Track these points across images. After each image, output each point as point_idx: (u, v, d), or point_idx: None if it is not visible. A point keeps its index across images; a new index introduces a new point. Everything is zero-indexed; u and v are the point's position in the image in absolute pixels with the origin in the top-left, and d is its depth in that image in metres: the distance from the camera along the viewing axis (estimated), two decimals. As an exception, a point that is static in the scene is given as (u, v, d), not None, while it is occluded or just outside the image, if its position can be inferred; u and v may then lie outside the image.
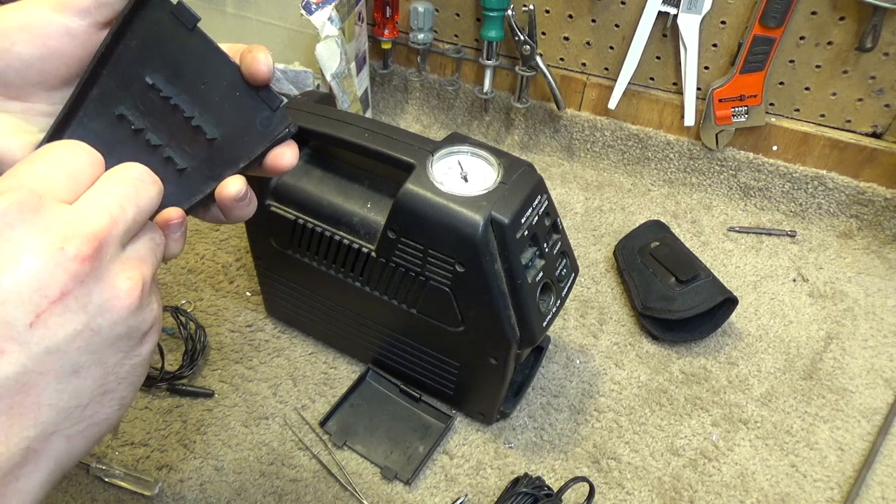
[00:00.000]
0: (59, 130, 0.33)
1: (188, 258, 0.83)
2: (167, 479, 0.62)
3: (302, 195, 0.60)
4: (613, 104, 0.95)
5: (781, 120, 0.92)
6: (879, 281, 0.87)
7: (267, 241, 0.65)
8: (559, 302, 0.58)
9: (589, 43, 0.95)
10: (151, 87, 0.34)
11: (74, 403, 0.27)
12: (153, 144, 0.34)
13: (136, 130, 0.34)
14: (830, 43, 0.83)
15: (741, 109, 0.89)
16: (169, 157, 0.34)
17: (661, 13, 0.87)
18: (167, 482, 0.62)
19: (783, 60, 0.87)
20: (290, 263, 0.65)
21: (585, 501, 0.62)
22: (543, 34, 0.97)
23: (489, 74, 0.99)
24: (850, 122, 0.89)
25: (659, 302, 0.76)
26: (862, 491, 0.65)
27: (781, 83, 0.89)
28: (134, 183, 0.30)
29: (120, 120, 0.34)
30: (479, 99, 1.03)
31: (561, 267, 0.58)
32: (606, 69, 0.97)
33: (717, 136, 0.93)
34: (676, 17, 0.86)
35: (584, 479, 0.61)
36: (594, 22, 0.93)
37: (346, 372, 0.72)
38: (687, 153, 0.96)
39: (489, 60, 0.96)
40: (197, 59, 0.33)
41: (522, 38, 0.92)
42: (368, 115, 1.03)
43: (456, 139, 0.56)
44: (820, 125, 0.91)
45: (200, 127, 0.34)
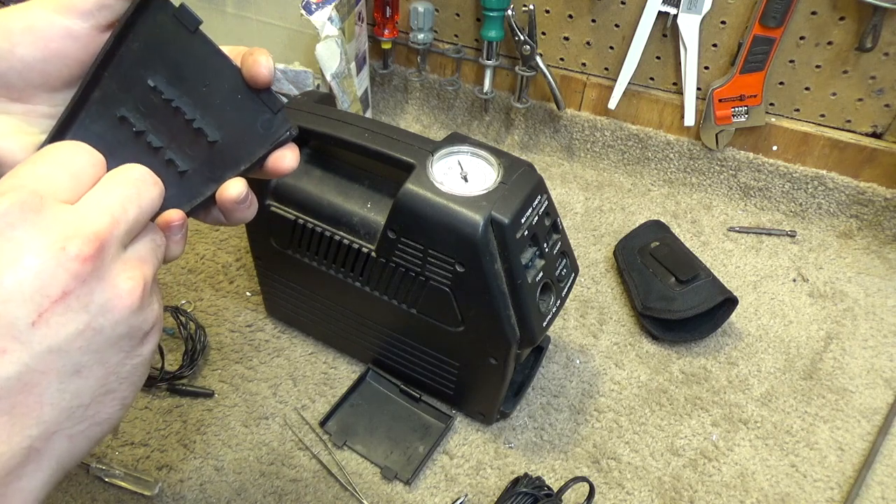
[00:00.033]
0: (60, 132, 0.33)
1: (188, 258, 0.83)
2: (167, 479, 0.62)
3: (302, 195, 0.60)
4: (613, 104, 0.95)
5: (781, 120, 0.92)
6: (879, 281, 0.87)
7: (267, 241, 0.65)
8: (559, 302, 0.58)
9: (589, 43, 0.95)
10: (153, 89, 0.34)
11: (76, 403, 0.27)
12: (154, 146, 0.34)
13: (137, 132, 0.34)
14: (830, 43, 0.83)
15: (741, 109, 0.89)
16: (170, 159, 0.34)
17: (661, 13, 0.87)
18: (167, 482, 0.62)
19: (783, 60, 0.87)
20: (290, 263, 0.65)
21: (585, 501, 0.62)
22: (543, 34, 0.97)
23: (489, 74, 0.99)
24: (850, 122, 0.89)
25: (659, 302, 0.76)
26: (862, 491, 0.65)
27: (781, 83, 0.89)
28: (135, 184, 0.30)
29: (121, 122, 0.34)
30: (479, 99, 1.03)
31: (561, 267, 0.58)
32: (606, 69, 0.97)
33: (717, 136, 0.93)
34: (676, 17, 0.86)
35: (584, 479, 0.61)
36: (594, 22, 0.93)
37: (346, 372, 0.72)
38: (687, 153, 0.96)
39: (489, 60, 0.96)
40: (198, 61, 0.33)
41: (522, 38, 0.92)
42: (368, 115, 1.03)
43: (456, 139, 0.56)
44: (820, 125, 0.91)
45: (202, 129, 0.34)
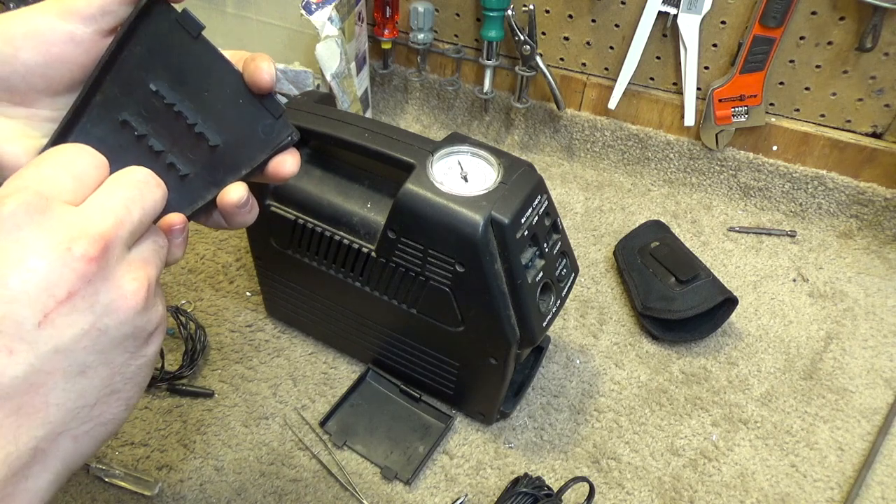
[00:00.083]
0: (62, 135, 0.33)
1: (188, 258, 0.83)
2: (167, 479, 0.62)
3: (302, 195, 0.60)
4: (613, 104, 0.95)
5: (781, 120, 0.92)
6: (879, 281, 0.87)
7: (267, 241, 0.65)
8: (559, 302, 0.58)
9: (589, 43, 0.95)
10: (155, 93, 0.34)
11: (81, 403, 0.27)
12: (156, 150, 0.34)
13: (138, 136, 0.34)
14: (830, 43, 0.83)
15: (741, 109, 0.89)
16: (171, 163, 0.34)
17: (661, 13, 0.87)
18: (167, 482, 0.62)
19: (783, 60, 0.87)
20: (290, 263, 0.65)
21: (585, 501, 0.62)
22: (543, 34, 0.97)
23: (489, 74, 0.99)
24: (850, 122, 0.89)
25: (659, 302, 0.76)
26: (862, 491, 0.65)
27: (781, 83, 0.89)
28: (139, 186, 0.30)
29: (123, 126, 0.34)
30: (479, 99, 1.03)
31: (561, 267, 0.58)
32: (606, 69, 0.97)
33: (717, 136, 0.93)
34: (676, 17, 0.86)
35: (584, 479, 0.61)
36: (594, 22, 0.93)
37: (346, 372, 0.72)
38: (687, 153, 0.96)
39: (489, 60, 0.96)
40: (201, 66, 0.33)
41: (522, 38, 0.92)
42: (368, 115, 1.03)
43: (456, 139, 0.56)
44: (820, 125, 0.91)
45: (203, 134, 0.34)
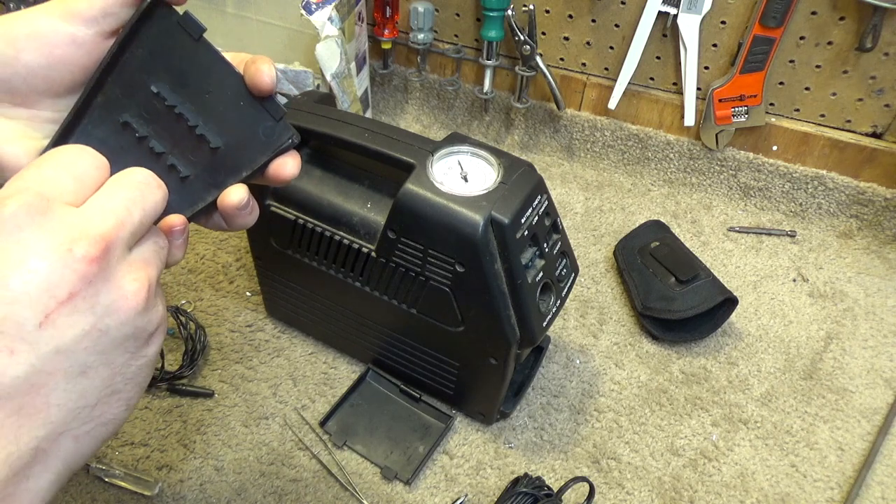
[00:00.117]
0: (63, 136, 0.33)
1: (188, 258, 0.83)
2: (167, 479, 0.62)
3: (302, 195, 0.60)
4: (613, 104, 0.95)
5: (781, 120, 0.92)
6: (879, 281, 0.87)
7: (267, 241, 0.65)
8: (559, 302, 0.58)
9: (589, 43, 0.95)
10: (156, 95, 0.34)
11: (82, 403, 0.27)
12: (157, 152, 0.34)
13: (139, 138, 0.34)
14: (830, 43, 0.83)
15: (741, 109, 0.89)
16: (172, 164, 0.34)
17: (661, 13, 0.87)
18: (167, 482, 0.62)
19: (783, 60, 0.87)
20: (290, 263, 0.65)
21: (585, 501, 0.62)
22: (543, 34, 0.97)
23: (489, 74, 0.99)
24: (850, 122, 0.89)
25: (659, 302, 0.76)
26: (862, 491, 0.65)
27: (781, 83, 0.89)
28: (139, 187, 0.30)
29: (124, 127, 0.34)
30: (479, 99, 1.03)
31: (561, 267, 0.58)
32: (606, 69, 0.97)
33: (717, 136, 0.93)
34: (676, 17, 0.86)
35: (584, 479, 0.61)
36: (594, 22, 0.93)
37: (346, 372, 0.72)
38: (687, 153, 0.96)
39: (489, 60, 0.96)
40: (202, 68, 0.34)
41: (522, 38, 0.92)
42: (368, 115, 1.03)
43: (456, 139, 0.56)
44: (820, 125, 0.91)
45: (204, 136, 0.34)
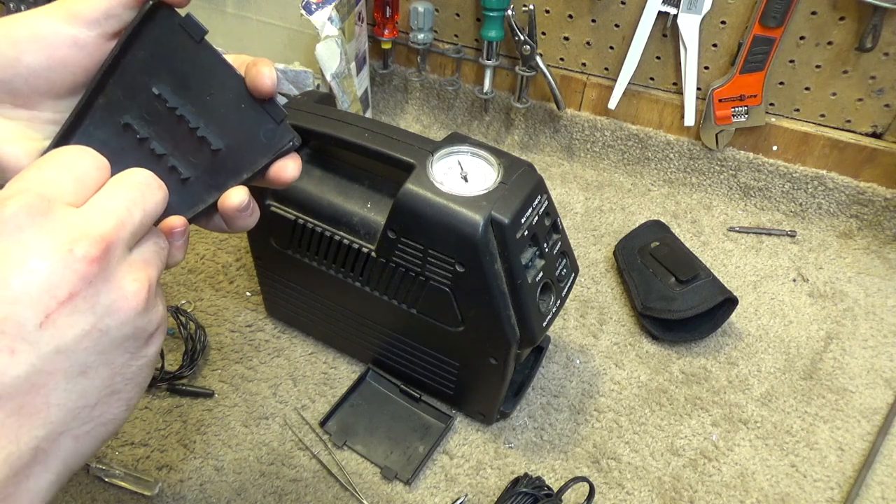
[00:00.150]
0: (64, 138, 0.33)
1: (188, 258, 0.83)
2: (167, 479, 0.62)
3: (302, 195, 0.60)
4: (613, 104, 0.95)
5: (781, 120, 0.92)
6: (879, 281, 0.87)
7: (267, 241, 0.65)
8: (559, 302, 0.58)
9: (589, 43, 0.95)
10: (157, 97, 0.34)
11: (82, 403, 0.27)
12: (158, 153, 0.34)
13: (140, 139, 0.34)
14: (830, 43, 0.83)
15: (741, 109, 0.89)
16: (173, 166, 0.35)
17: (661, 13, 0.87)
18: (167, 482, 0.62)
19: (783, 60, 0.87)
20: (290, 263, 0.65)
21: (585, 501, 0.62)
22: (543, 34, 0.97)
23: (489, 74, 0.99)
24: (850, 122, 0.89)
25: (659, 302, 0.76)
26: (862, 491, 0.65)
27: (781, 83, 0.89)
28: (140, 187, 0.30)
29: (125, 129, 0.34)
30: (479, 99, 1.03)
31: (561, 267, 0.58)
32: (606, 69, 0.97)
33: (717, 136, 0.93)
34: (676, 17, 0.86)
35: (584, 479, 0.61)
36: (594, 22, 0.93)
37: (346, 372, 0.72)
38: (687, 153, 0.96)
39: (489, 60, 0.96)
40: (203, 70, 0.34)
41: (522, 38, 0.92)
42: (368, 115, 1.03)
43: (456, 139, 0.56)
44: (820, 125, 0.91)
45: (205, 137, 0.34)
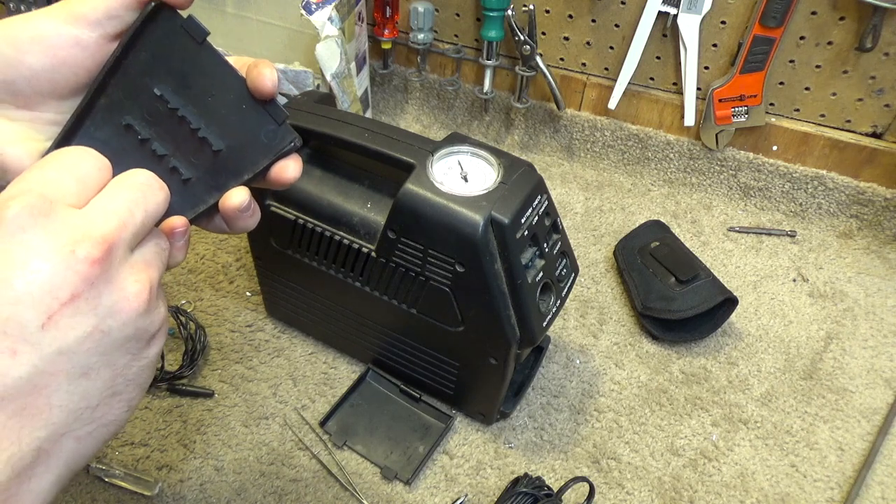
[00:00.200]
0: (66, 138, 0.33)
1: (188, 258, 0.83)
2: (167, 479, 0.62)
3: (302, 195, 0.60)
4: (613, 104, 0.95)
5: (781, 120, 0.92)
6: (879, 281, 0.87)
7: (267, 241, 0.65)
8: (559, 302, 0.58)
9: (589, 43, 0.95)
10: (159, 98, 0.34)
11: (84, 405, 0.27)
12: (159, 154, 0.34)
13: (142, 140, 0.34)
14: (830, 43, 0.83)
15: (741, 109, 0.89)
16: (174, 167, 0.35)
17: (661, 13, 0.87)
18: (167, 482, 0.62)
19: (783, 60, 0.87)
20: (290, 263, 0.65)
21: (585, 501, 0.62)
22: (543, 34, 0.97)
23: (489, 74, 0.99)
24: (850, 122, 0.89)
25: (659, 302, 0.76)
26: (862, 491, 0.65)
27: (781, 83, 0.89)
28: (142, 188, 0.30)
29: (127, 129, 0.34)
30: (479, 99, 1.03)
31: (561, 267, 0.58)
32: (606, 69, 0.97)
33: (717, 136, 0.93)
34: (676, 17, 0.86)
35: (584, 479, 0.61)
36: (594, 22, 0.93)
37: (346, 372, 0.72)
38: (687, 153, 0.96)
39: (489, 60, 0.96)
40: (205, 71, 0.34)
41: (522, 38, 0.92)
42: (368, 115, 1.03)
43: (456, 139, 0.56)
44: (820, 125, 0.91)
45: (206, 138, 0.34)
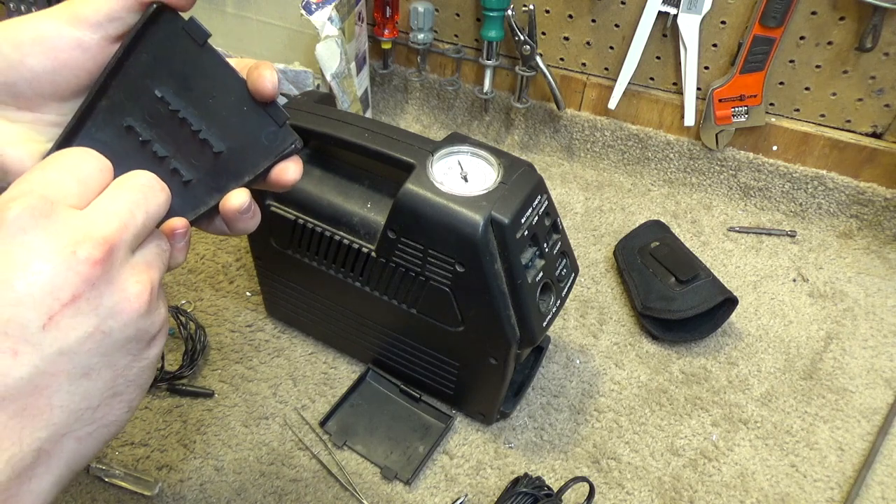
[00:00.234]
0: (67, 140, 0.33)
1: (188, 258, 0.83)
2: (167, 479, 0.62)
3: (302, 195, 0.60)
4: (613, 104, 0.95)
5: (781, 120, 0.92)
6: (879, 281, 0.87)
7: (267, 241, 0.65)
8: (559, 302, 0.58)
9: (589, 43, 0.95)
10: (160, 99, 0.34)
11: (85, 405, 0.28)
12: (160, 156, 0.34)
13: (143, 142, 0.34)
14: (830, 43, 0.83)
15: (741, 109, 0.89)
16: (175, 168, 0.35)
17: (661, 13, 0.87)
18: (167, 482, 0.62)
19: (783, 60, 0.87)
20: (290, 263, 0.65)
21: (585, 501, 0.62)
22: (543, 34, 0.97)
23: (489, 74, 0.99)
24: (850, 122, 0.89)
25: (659, 302, 0.76)
26: (862, 491, 0.65)
27: (781, 83, 0.89)
28: (143, 189, 0.30)
29: (128, 131, 0.34)
30: (479, 99, 1.03)
31: (561, 267, 0.58)
32: (606, 69, 0.97)
33: (717, 136, 0.93)
34: (676, 17, 0.86)
35: (584, 479, 0.61)
36: (594, 22, 0.93)
37: (346, 372, 0.72)
38: (687, 153, 0.96)
39: (489, 60, 0.96)
40: (206, 73, 0.34)
41: (522, 38, 0.92)
42: (368, 115, 1.03)
43: (456, 139, 0.56)
44: (820, 125, 0.91)
45: (207, 140, 0.34)
